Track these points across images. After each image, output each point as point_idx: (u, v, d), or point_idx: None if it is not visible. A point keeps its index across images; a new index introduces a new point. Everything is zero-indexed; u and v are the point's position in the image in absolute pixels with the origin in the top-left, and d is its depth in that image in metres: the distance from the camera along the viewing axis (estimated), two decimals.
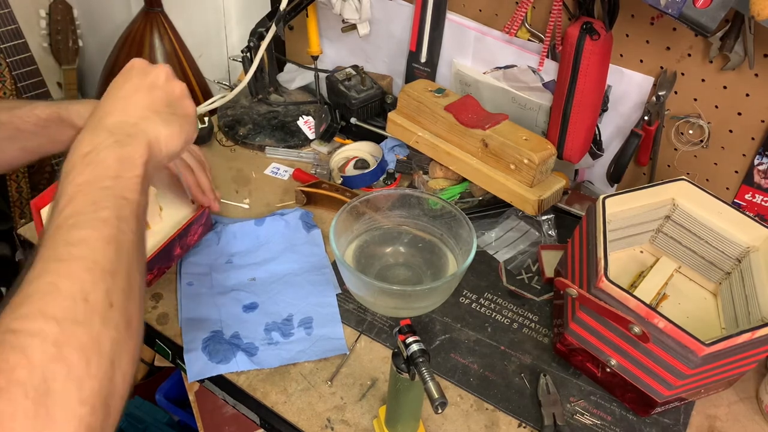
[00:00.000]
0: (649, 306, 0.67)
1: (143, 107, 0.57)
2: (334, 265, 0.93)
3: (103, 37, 1.63)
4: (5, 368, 0.38)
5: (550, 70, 1.02)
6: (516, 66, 1.06)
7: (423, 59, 1.17)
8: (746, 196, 0.94)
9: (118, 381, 0.43)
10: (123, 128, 0.54)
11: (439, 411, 0.58)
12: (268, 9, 1.20)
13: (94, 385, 0.41)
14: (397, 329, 0.64)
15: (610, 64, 0.96)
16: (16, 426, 0.36)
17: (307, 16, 1.21)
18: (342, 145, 1.16)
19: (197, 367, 0.78)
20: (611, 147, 1.06)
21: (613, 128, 1.04)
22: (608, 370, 0.76)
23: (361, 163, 1.13)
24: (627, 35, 0.94)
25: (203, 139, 1.17)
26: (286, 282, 0.90)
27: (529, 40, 1.03)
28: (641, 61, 0.95)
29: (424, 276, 0.91)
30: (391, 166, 1.11)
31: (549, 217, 1.01)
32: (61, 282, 0.43)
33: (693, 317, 0.86)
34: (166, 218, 0.92)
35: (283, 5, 1.07)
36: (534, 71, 1.04)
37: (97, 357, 0.41)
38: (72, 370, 0.40)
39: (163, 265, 0.88)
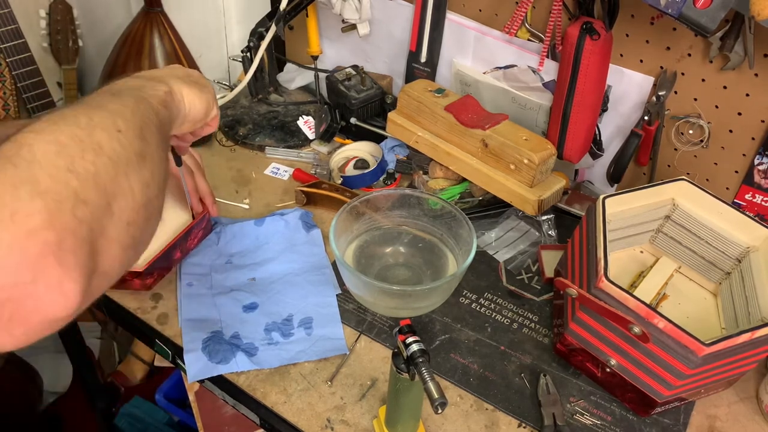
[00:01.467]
0: (649, 306, 0.67)
1: (166, 73, 0.63)
2: (334, 265, 0.93)
3: (103, 37, 1.63)
4: None
5: (550, 70, 1.02)
6: (516, 66, 1.06)
7: (423, 59, 1.17)
8: (746, 196, 0.94)
9: (124, 185, 0.45)
10: (148, 76, 0.60)
11: (439, 411, 0.58)
12: (268, 9, 1.20)
13: (87, 167, 0.42)
14: (397, 329, 0.64)
15: (610, 64, 0.96)
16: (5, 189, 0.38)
17: (307, 16, 1.21)
18: (342, 145, 1.16)
19: (197, 367, 0.78)
20: (611, 147, 1.06)
21: (613, 128, 1.04)
22: (608, 370, 0.76)
23: (361, 163, 1.13)
24: (627, 35, 0.94)
25: (203, 139, 1.17)
26: (286, 282, 0.90)
27: (529, 40, 1.03)
28: (641, 61, 0.95)
29: (424, 276, 0.91)
30: (391, 166, 1.11)
31: (549, 217, 1.01)
32: (65, 111, 0.45)
33: (693, 317, 0.86)
34: (167, 222, 0.92)
35: (283, 5, 1.07)
36: (534, 71, 1.04)
37: (93, 152, 0.43)
38: (62, 150, 0.41)
39: (163, 268, 0.88)
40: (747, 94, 0.87)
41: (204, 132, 0.72)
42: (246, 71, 1.14)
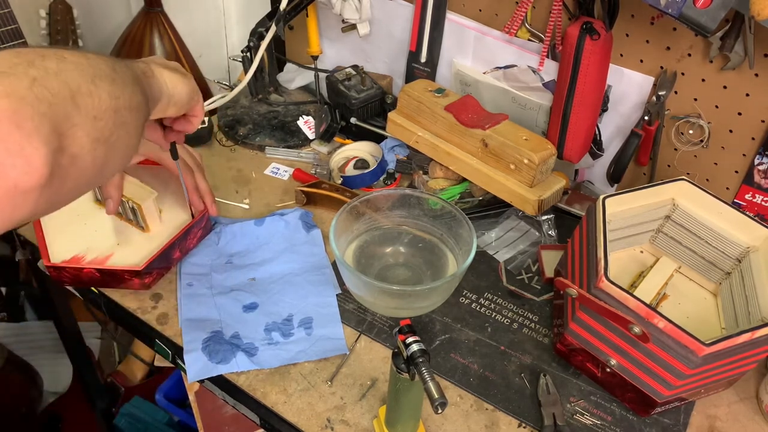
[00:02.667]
0: (649, 306, 0.67)
1: (146, 59, 0.65)
2: (334, 265, 0.93)
3: (103, 37, 1.63)
4: None
5: (550, 70, 1.02)
6: (516, 66, 1.06)
7: (423, 59, 1.17)
8: (746, 196, 0.94)
9: (90, 87, 0.47)
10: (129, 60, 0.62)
11: (439, 411, 0.58)
12: (268, 9, 1.20)
13: (48, 65, 0.44)
14: (397, 329, 0.64)
15: (610, 64, 0.96)
16: None
17: (307, 16, 1.21)
18: (342, 145, 1.16)
19: (197, 367, 0.78)
20: (611, 147, 1.06)
21: (613, 128, 1.04)
22: (608, 370, 0.76)
23: (361, 163, 1.13)
24: (627, 35, 0.94)
25: (203, 139, 1.17)
26: (286, 282, 0.90)
27: (529, 40, 1.03)
28: (641, 61, 0.95)
29: (424, 276, 0.91)
30: (391, 166, 1.11)
31: (549, 217, 1.01)
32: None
33: (693, 317, 0.86)
34: (166, 221, 0.92)
35: (283, 5, 1.07)
36: (534, 71, 1.04)
37: (55, 59, 0.45)
38: (22, 54, 0.43)
39: (162, 268, 0.88)
40: (747, 94, 0.87)
41: (190, 125, 0.73)
42: (246, 71, 1.14)
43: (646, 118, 0.96)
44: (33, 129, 0.41)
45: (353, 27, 1.20)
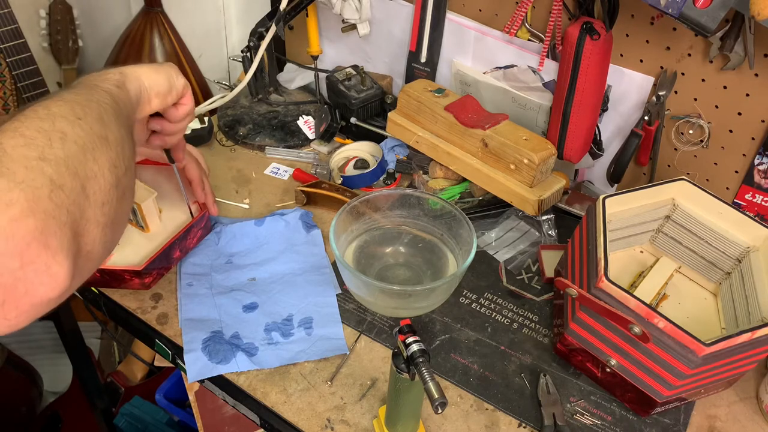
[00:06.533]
0: (649, 306, 0.67)
1: (120, 66, 0.66)
2: (334, 265, 0.93)
3: (103, 37, 1.63)
4: None
5: (550, 70, 1.02)
6: (516, 66, 1.06)
7: (423, 59, 1.17)
8: (746, 196, 0.94)
9: (94, 168, 0.47)
10: (102, 70, 0.62)
11: (439, 411, 0.58)
12: (268, 9, 1.20)
13: (57, 153, 0.44)
14: (397, 329, 0.64)
15: (610, 64, 0.96)
16: None
17: (307, 16, 1.21)
18: (342, 145, 1.16)
19: (197, 367, 0.78)
20: (611, 147, 1.06)
21: (613, 128, 1.04)
22: (608, 370, 0.76)
23: (361, 163, 1.13)
24: (627, 35, 0.94)
25: (203, 139, 1.17)
26: (286, 282, 0.90)
27: (529, 40, 1.03)
28: (641, 61, 0.95)
29: (424, 276, 0.91)
30: (391, 166, 1.11)
31: (549, 217, 1.01)
32: (23, 110, 0.47)
33: (693, 317, 0.86)
34: (166, 221, 0.92)
35: (283, 5, 1.07)
36: (534, 71, 1.04)
37: (59, 140, 0.45)
38: (30, 142, 0.43)
39: (162, 267, 0.88)
40: (747, 94, 0.87)
41: (182, 110, 0.73)
42: (246, 71, 1.14)
43: (646, 118, 0.96)
44: (58, 246, 0.41)
45: (353, 27, 1.20)
